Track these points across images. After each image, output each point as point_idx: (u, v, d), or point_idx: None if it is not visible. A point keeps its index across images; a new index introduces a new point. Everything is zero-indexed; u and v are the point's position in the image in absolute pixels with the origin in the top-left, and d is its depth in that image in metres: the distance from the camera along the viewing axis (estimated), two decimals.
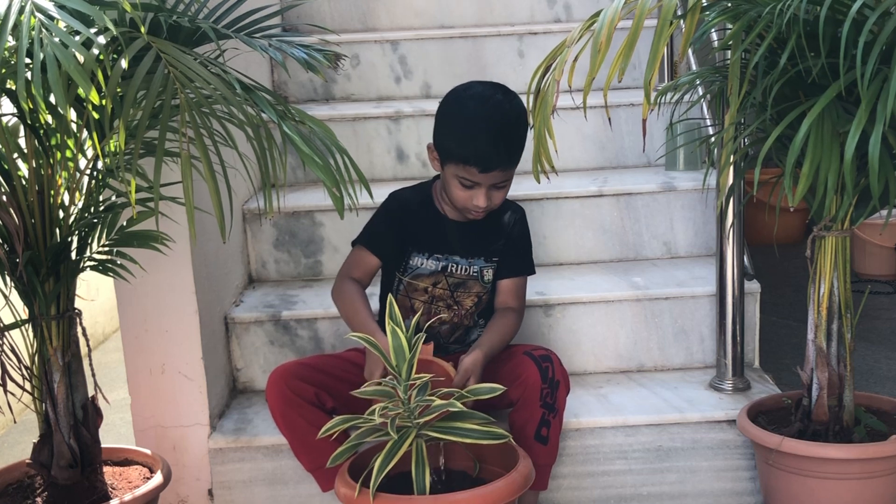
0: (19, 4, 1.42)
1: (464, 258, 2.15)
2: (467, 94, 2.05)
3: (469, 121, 2.00)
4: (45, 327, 1.79)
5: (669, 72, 2.99)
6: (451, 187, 2.05)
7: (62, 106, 1.40)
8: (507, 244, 2.18)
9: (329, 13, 3.42)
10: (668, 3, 1.59)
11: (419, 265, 2.13)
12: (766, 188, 2.13)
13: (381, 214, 2.18)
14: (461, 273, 2.14)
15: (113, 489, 1.91)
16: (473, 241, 2.15)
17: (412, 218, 2.15)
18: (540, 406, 1.99)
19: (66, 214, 1.79)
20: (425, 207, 2.16)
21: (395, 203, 2.18)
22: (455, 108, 2.05)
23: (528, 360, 2.01)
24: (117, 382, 2.71)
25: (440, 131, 2.06)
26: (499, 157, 1.99)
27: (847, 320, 1.95)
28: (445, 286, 2.14)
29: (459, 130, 2.01)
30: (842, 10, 1.64)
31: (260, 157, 1.57)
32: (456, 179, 2.02)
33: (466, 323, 2.17)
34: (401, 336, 1.82)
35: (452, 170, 2.02)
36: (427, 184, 2.21)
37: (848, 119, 1.68)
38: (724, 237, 2.26)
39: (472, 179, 2.00)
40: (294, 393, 2.00)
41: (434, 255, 2.14)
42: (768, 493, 2.06)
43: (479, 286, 2.16)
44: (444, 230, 2.14)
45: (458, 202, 2.06)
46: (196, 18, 1.71)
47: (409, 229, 2.14)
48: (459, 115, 2.03)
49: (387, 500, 1.73)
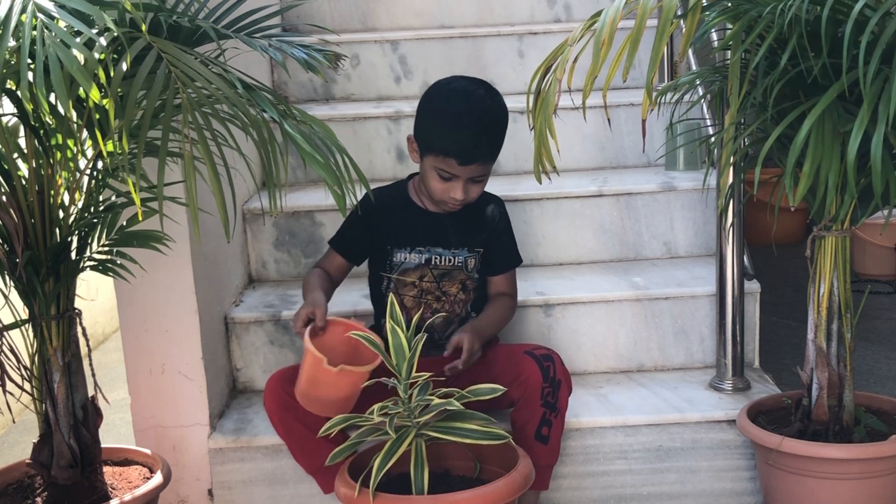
0: (21, 4, 1.42)
1: (447, 249, 2.17)
2: (450, 87, 2.10)
3: (452, 114, 2.03)
4: (45, 327, 1.79)
5: (669, 72, 2.99)
6: (429, 179, 2.08)
7: (64, 106, 1.40)
8: (492, 237, 2.20)
9: (329, 13, 3.42)
10: (669, 3, 1.59)
11: (403, 260, 2.15)
12: (767, 188, 2.13)
13: (354, 215, 2.17)
14: (445, 264, 2.16)
15: (113, 489, 1.91)
16: (456, 232, 2.17)
17: (389, 215, 2.17)
18: (541, 405, 2.00)
19: (66, 214, 1.79)
20: (402, 203, 2.19)
21: (368, 203, 2.12)
22: (437, 102, 2.09)
23: (529, 359, 2.01)
24: (117, 382, 2.70)
25: (422, 123, 2.09)
26: (479, 150, 2.02)
27: (847, 320, 1.95)
28: (431, 278, 2.15)
29: (441, 123, 2.04)
30: (843, 10, 1.64)
31: (263, 157, 1.57)
32: (434, 171, 2.05)
33: (459, 312, 2.18)
34: (401, 335, 1.82)
35: (431, 161, 2.05)
36: (402, 182, 2.24)
37: (849, 119, 1.68)
38: (724, 237, 2.26)
39: (451, 172, 2.04)
40: (292, 398, 1.98)
41: (416, 248, 2.16)
42: (768, 493, 2.06)
43: (463, 274, 2.18)
44: (424, 223, 2.17)
45: (436, 194, 2.09)
46: (196, 18, 1.71)
47: (386, 227, 2.16)
48: (442, 108, 2.06)
49: (386, 500, 1.73)
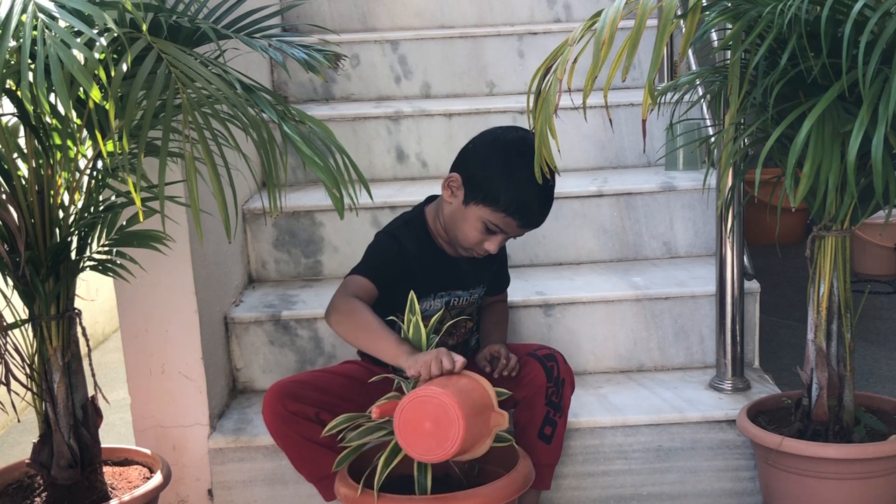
0: (22, 4, 1.42)
1: (465, 290, 2.11)
2: (520, 147, 1.92)
3: (526, 175, 1.86)
4: (45, 327, 1.79)
5: (669, 72, 2.99)
6: (469, 228, 1.96)
7: (65, 106, 1.40)
8: (497, 266, 2.19)
9: (329, 13, 3.42)
10: (669, 3, 1.59)
11: (427, 308, 2.04)
12: (767, 188, 2.13)
13: (387, 254, 2.01)
14: (462, 303, 2.11)
15: (113, 489, 1.91)
16: (473, 272, 2.11)
17: (415, 262, 2.02)
18: (545, 405, 2.00)
19: (66, 214, 1.79)
20: (427, 248, 2.05)
21: (398, 246, 2.02)
22: (505, 158, 1.93)
23: (533, 360, 2.01)
24: (117, 382, 2.71)
25: (482, 171, 1.94)
26: (542, 217, 1.99)
27: (847, 320, 1.95)
28: (449, 318, 2.08)
29: (512, 179, 1.91)
30: (842, 10, 1.64)
31: (263, 158, 1.57)
32: (481, 223, 1.94)
33: (467, 337, 2.18)
34: (422, 330, 1.81)
35: (480, 212, 1.93)
36: (418, 220, 2.08)
37: (849, 119, 1.68)
38: (724, 237, 2.26)
39: (505, 229, 1.95)
40: (292, 413, 1.94)
41: (439, 293, 2.07)
42: (768, 493, 2.06)
43: (474, 308, 2.16)
44: (446, 267, 2.07)
45: (468, 242, 1.98)
46: (196, 18, 1.71)
47: (416, 276, 2.00)
48: (514, 165, 1.91)
49: (388, 501, 1.73)
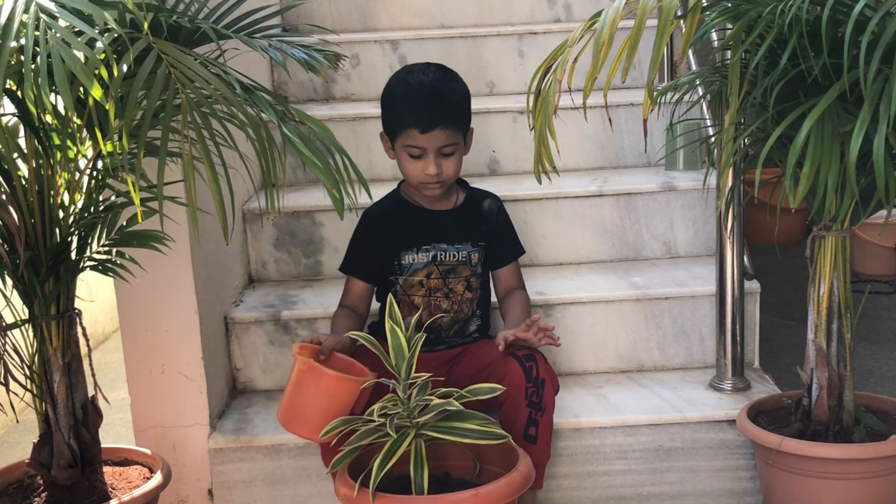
0: (24, 4, 1.42)
1: (450, 244, 2.19)
2: (403, 69, 2.19)
3: (404, 88, 2.10)
4: (45, 327, 1.79)
5: (669, 72, 2.99)
6: (404, 164, 2.11)
7: (67, 105, 1.40)
8: (493, 231, 2.23)
9: (329, 13, 3.42)
10: (669, 3, 1.59)
11: (412, 261, 2.18)
12: (767, 188, 2.13)
13: (360, 235, 2.24)
14: (450, 259, 2.18)
15: (113, 489, 1.91)
16: (457, 227, 2.19)
17: (390, 223, 2.20)
18: (526, 406, 1.99)
19: (66, 214, 1.79)
20: (401, 207, 2.22)
21: (370, 218, 2.24)
22: (392, 83, 2.15)
23: (511, 359, 2.00)
24: (117, 382, 2.70)
25: (384, 112, 2.14)
26: (436, 113, 2.06)
27: (847, 320, 1.95)
28: (437, 274, 2.17)
29: (397, 99, 2.10)
30: (843, 10, 1.64)
31: (261, 158, 1.57)
32: (405, 153, 2.09)
33: (466, 311, 2.19)
34: (400, 336, 1.82)
35: (399, 144, 2.09)
36: (393, 190, 2.27)
37: (849, 119, 1.68)
38: (725, 237, 2.26)
39: (417, 144, 2.06)
40: None
41: (422, 247, 2.18)
42: (768, 493, 2.06)
43: (467, 270, 2.19)
44: (425, 221, 2.19)
45: (413, 178, 2.11)
46: (196, 18, 1.71)
47: (390, 234, 2.19)
48: (397, 86, 2.13)
49: (386, 501, 1.73)
